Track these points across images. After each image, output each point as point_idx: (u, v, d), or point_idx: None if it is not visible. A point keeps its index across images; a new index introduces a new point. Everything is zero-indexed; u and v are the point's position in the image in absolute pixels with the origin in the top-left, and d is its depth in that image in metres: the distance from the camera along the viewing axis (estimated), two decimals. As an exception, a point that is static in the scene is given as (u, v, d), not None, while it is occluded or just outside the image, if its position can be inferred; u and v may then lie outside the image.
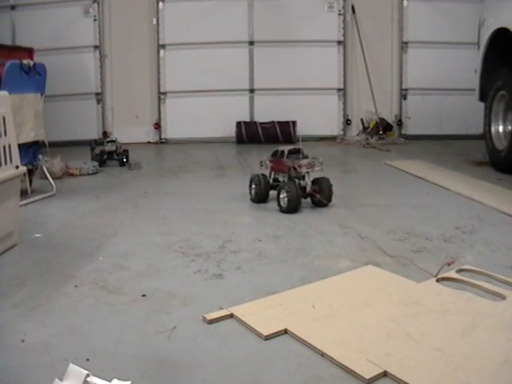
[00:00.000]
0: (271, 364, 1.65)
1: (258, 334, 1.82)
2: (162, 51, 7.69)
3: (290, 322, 1.88)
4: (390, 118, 7.78)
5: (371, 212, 3.56)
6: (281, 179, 3.78)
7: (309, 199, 3.69)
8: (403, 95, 7.79)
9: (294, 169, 3.59)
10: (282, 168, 3.71)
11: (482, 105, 5.52)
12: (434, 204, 3.76)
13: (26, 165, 3.62)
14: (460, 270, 2.37)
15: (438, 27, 7.54)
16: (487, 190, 4.13)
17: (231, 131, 7.55)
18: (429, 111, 7.72)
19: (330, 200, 3.67)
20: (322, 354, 1.69)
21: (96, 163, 5.34)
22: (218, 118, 7.68)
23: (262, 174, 3.85)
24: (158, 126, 7.82)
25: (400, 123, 7.80)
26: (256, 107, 7.80)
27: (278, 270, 2.49)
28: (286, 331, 1.84)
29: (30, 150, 4.12)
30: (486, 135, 5.34)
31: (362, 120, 7.77)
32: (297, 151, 3.69)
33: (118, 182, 4.91)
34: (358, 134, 7.74)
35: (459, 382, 1.50)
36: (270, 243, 2.89)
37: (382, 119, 7.64)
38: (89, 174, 5.11)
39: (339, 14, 7.67)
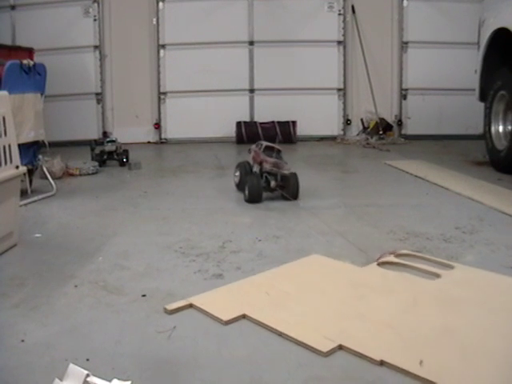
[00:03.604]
0: (271, 364, 1.65)
1: (219, 321, 1.91)
2: (162, 51, 7.68)
3: (247, 308, 1.99)
4: (390, 118, 7.77)
5: (371, 212, 3.56)
6: (255, 170, 3.98)
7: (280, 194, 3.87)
8: (403, 95, 7.79)
9: (262, 162, 3.83)
10: (256, 159, 3.95)
11: (481, 105, 5.51)
12: (434, 204, 3.76)
13: (26, 165, 3.62)
14: (398, 255, 2.56)
15: (438, 27, 7.52)
16: (487, 190, 4.13)
17: (231, 131, 7.55)
18: (429, 111, 7.70)
19: (296, 196, 3.85)
20: (281, 334, 1.81)
21: (96, 163, 5.33)
22: (218, 118, 7.67)
23: (247, 162, 4.08)
24: (157, 126, 7.80)
25: (400, 123, 7.79)
26: (256, 107, 7.79)
27: (277, 269, 2.49)
28: (244, 316, 1.94)
29: (30, 150, 4.11)
30: (486, 135, 5.34)
31: (361, 120, 7.76)
32: (272, 149, 3.90)
33: (117, 181, 4.91)
34: (358, 134, 7.72)
35: (407, 350, 1.69)
36: (270, 243, 2.89)
37: (382, 119, 7.63)
38: (89, 174, 5.11)
39: (339, 14, 7.66)
